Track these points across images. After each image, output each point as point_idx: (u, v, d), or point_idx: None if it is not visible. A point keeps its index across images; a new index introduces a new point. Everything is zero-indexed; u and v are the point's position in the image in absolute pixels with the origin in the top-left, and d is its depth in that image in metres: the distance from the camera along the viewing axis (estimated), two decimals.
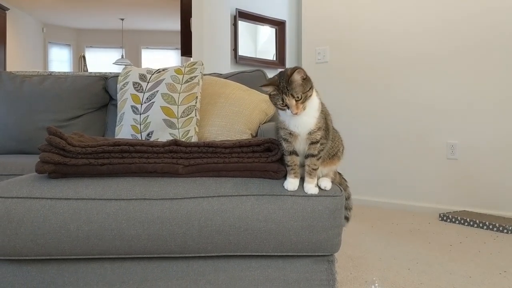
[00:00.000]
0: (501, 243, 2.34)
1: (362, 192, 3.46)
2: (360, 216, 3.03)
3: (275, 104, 1.10)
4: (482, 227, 2.65)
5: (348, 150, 3.51)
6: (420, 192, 3.21)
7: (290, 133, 1.14)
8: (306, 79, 1.09)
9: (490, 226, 2.61)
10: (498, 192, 2.90)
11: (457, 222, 2.78)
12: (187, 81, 1.89)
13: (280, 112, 1.13)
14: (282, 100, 1.07)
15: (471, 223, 2.70)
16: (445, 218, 2.84)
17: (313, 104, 1.13)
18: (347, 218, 1.36)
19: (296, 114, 1.07)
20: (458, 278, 1.82)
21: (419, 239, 2.42)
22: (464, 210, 2.97)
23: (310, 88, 1.10)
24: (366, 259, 2.06)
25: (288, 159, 1.17)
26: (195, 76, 1.92)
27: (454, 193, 3.06)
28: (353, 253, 2.15)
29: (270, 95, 1.11)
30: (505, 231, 2.54)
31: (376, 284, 1.46)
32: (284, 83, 1.07)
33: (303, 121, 1.12)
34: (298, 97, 1.07)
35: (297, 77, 1.07)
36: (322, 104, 1.18)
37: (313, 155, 1.15)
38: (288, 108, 1.08)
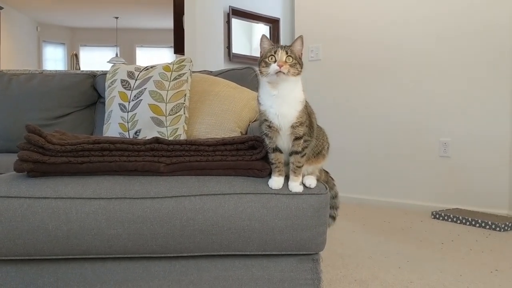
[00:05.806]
0: (493, 241, 2.33)
1: (355, 190, 3.44)
2: (352, 214, 3.01)
3: (263, 61, 1.09)
4: (474, 225, 2.64)
5: (340, 148, 3.47)
6: (412, 190, 3.20)
7: (269, 126, 1.12)
8: (301, 59, 1.12)
9: (483, 224, 2.60)
10: (490, 190, 2.89)
11: (449, 220, 2.77)
12: (175, 78, 1.87)
13: (263, 81, 1.11)
14: (275, 52, 1.08)
15: (464, 221, 2.69)
16: (437, 216, 2.83)
17: (296, 95, 1.12)
18: (333, 217, 1.34)
19: (279, 68, 1.05)
20: (449, 276, 1.80)
21: (411, 237, 2.40)
22: (457, 208, 2.95)
23: (300, 65, 1.11)
24: (357, 257, 2.04)
25: (272, 156, 1.15)
26: (184, 73, 1.89)
27: (447, 191, 3.05)
28: (344, 251, 2.13)
29: (263, 54, 1.11)
30: (498, 229, 2.53)
31: None
32: (284, 44, 1.11)
33: (284, 110, 1.10)
34: (289, 59, 1.08)
35: (299, 43, 1.11)
36: (307, 102, 1.16)
37: (297, 152, 1.13)
38: (275, 62, 1.07)
